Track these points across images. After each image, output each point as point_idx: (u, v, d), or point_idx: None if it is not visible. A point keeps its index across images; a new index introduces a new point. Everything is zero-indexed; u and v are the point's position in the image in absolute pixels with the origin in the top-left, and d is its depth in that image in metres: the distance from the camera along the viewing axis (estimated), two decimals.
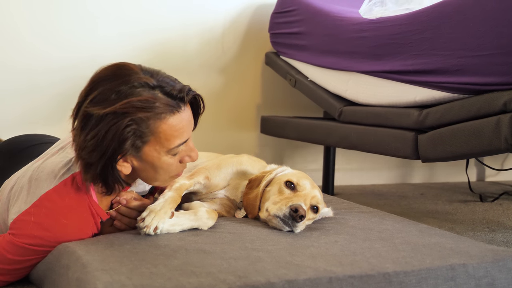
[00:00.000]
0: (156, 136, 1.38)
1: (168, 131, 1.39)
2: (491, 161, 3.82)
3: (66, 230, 1.42)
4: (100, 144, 1.34)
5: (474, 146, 1.90)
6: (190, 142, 1.48)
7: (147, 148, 1.40)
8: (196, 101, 1.51)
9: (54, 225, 1.41)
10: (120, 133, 1.34)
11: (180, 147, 1.43)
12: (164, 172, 1.46)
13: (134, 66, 1.42)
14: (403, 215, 2.60)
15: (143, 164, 1.43)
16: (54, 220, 1.42)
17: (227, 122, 3.40)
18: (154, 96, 1.37)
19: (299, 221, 1.54)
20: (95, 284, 1.10)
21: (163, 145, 1.40)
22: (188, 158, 1.48)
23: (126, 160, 1.41)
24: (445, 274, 1.29)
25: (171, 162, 1.44)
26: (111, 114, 1.33)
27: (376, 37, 2.40)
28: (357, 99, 2.55)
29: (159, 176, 1.47)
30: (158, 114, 1.37)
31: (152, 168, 1.44)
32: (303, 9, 2.95)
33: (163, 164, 1.43)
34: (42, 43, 2.96)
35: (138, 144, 1.38)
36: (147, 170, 1.45)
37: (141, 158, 1.41)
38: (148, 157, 1.41)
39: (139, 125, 1.35)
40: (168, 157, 1.43)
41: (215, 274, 1.16)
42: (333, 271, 1.22)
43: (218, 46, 3.35)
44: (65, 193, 1.44)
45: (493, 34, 1.87)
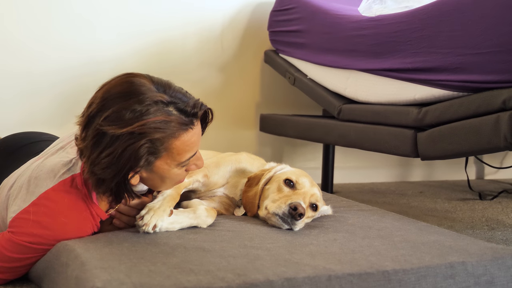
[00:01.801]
0: (169, 152, 1.40)
1: (181, 146, 1.40)
2: (490, 159, 3.82)
3: (65, 229, 1.42)
4: (115, 162, 1.34)
5: (473, 144, 1.90)
6: (199, 153, 1.50)
7: (158, 162, 1.41)
8: (206, 113, 1.52)
9: (53, 224, 1.41)
10: (136, 152, 1.35)
11: (190, 160, 1.45)
12: (170, 181, 1.48)
13: (146, 80, 1.40)
14: (402, 213, 2.60)
15: (152, 175, 1.44)
16: (53, 218, 1.42)
17: (226, 120, 3.40)
18: (169, 114, 1.37)
19: (298, 219, 1.54)
20: (93, 282, 1.09)
21: (174, 159, 1.41)
22: (194, 166, 1.50)
23: (135, 172, 1.41)
24: (444, 272, 1.29)
25: (179, 173, 1.47)
26: (128, 134, 1.33)
27: (375, 35, 2.39)
28: (356, 97, 2.55)
29: (165, 185, 1.49)
30: (173, 133, 1.38)
31: (160, 178, 1.46)
32: (302, 7, 2.95)
33: (172, 175, 1.46)
34: (41, 44, 2.96)
35: (150, 160, 1.39)
36: (155, 180, 1.46)
37: (151, 171, 1.43)
38: (159, 170, 1.43)
39: (154, 144, 1.36)
40: (178, 169, 1.45)
41: (214, 272, 1.16)
42: (332, 269, 1.22)
43: (217, 45, 3.35)
44: (64, 192, 1.45)
45: (492, 32, 1.87)
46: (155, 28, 3.18)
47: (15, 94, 2.92)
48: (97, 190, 1.42)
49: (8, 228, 1.45)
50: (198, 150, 1.49)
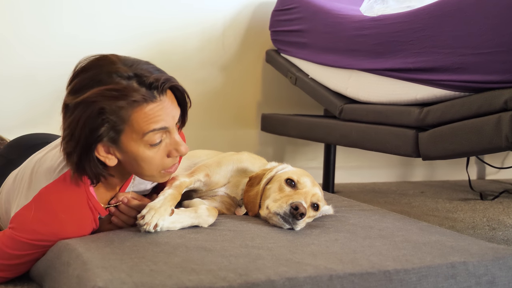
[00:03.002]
0: (129, 125, 1.36)
1: (140, 118, 1.36)
2: (492, 159, 3.82)
3: (65, 226, 1.42)
4: (73, 133, 1.35)
5: (474, 144, 1.90)
6: (175, 135, 1.44)
7: (124, 138, 1.38)
8: (181, 95, 1.47)
9: (53, 220, 1.41)
10: (90, 121, 1.34)
11: (156, 136, 1.39)
12: (148, 165, 1.43)
13: (115, 57, 1.40)
14: (403, 213, 2.60)
15: (126, 156, 1.41)
16: (53, 215, 1.41)
17: (228, 119, 3.40)
18: (127, 85, 1.35)
19: (300, 218, 1.54)
20: (95, 282, 1.09)
21: (138, 133, 1.37)
22: (175, 152, 1.44)
23: (109, 151, 1.40)
24: (445, 272, 1.29)
25: (151, 155, 1.41)
26: (83, 103, 1.34)
27: (377, 35, 2.39)
28: (358, 97, 2.55)
29: (145, 170, 1.44)
30: (130, 103, 1.35)
31: (135, 160, 1.42)
32: (303, 7, 2.95)
33: (143, 157, 1.40)
34: (43, 38, 2.96)
35: (113, 135, 1.37)
36: (131, 163, 1.43)
37: (121, 149, 1.40)
38: (128, 148, 1.39)
39: (110, 114, 1.34)
40: (147, 149, 1.40)
41: (216, 272, 1.16)
42: (333, 269, 1.22)
43: (219, 44, 3.35)
44: (63, 188, 1.44)
45: (494, 32, 1.87)
46: (157, 29, 3.18)
47: (14, 85, 2.92)
48: (69, 166, 1.41)
49: (10, 224, 1.45)
50: (176, 134, 1.44)
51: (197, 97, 3.29)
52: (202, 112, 3.32)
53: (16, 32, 2.92)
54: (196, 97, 3.32)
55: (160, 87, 1.38)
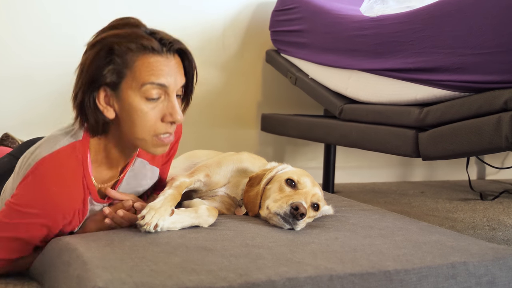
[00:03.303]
0: (131, 71, 1.39)
1: (143, 67, 1.39)
2: (492, 160, 3.82)
3: (55, 199, 1.41)
4: (82, 71, 1.41)
5: (474, 144, 1.90)
6: (174, 100, 1.43)
7: (124, 85, 1.40)
8: (189, 65, 1.51)
9: (44, 191, 1.41)
10: (98, 59, 1.39)
11: (154, 92, 1.40)
12: (141, 122, 1.42)
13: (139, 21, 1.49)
14: (403, 213, 2.60)
15: (122, 108, 1.42)
16: (45, 185, 1.41)
17: (228, 119, 3.40)
18: (140, 32, 1.43)
19: (300, 219, 1.54)
20: (95, 282, 1.10)
21: (137, 81, 1.39)
22: (170, 116, 1.43)
23: (108, 102, 1.42)
24: (445, 272, 1.29)
25: (146, 110, 1.41)
26: (97, 43, 1.42)
27: (377, 35, 2.39)
28: (358, 97, 2.55)
29: (138, 128, 1.43)
30: (138, 48, 1.40)
31: (130, 114, 1.41)
32: (303, 7, 2.95)
33: (138, 109, 1.40)
34: (40, 37, 2.96)
35: (114, 79, 1.40)
36: (126, 118, 1.43)
37: (120, 99, 1.41)
38: (125, 97, 1.40)
39: (117, 56, 1.39)
40: (143, 102, 1.40)
41: (216, 272, 1.16)
42: (334, 269, 1.22)
43: (219, 44, 3.35)
44: (60, 161, 1.44)
45: (494, 32, 1.87)
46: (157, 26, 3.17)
47: (12, 85, 2.92)
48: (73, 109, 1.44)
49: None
50: (175, 99, 1.44)
51: (197, 96, 3.26)
52: (202, 112, 3.32)
53: (13, 33, 2.92)
54: (196, 96, 3.29)
55: (168, 45, 1.44)
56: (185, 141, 3.19)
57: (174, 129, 1.48)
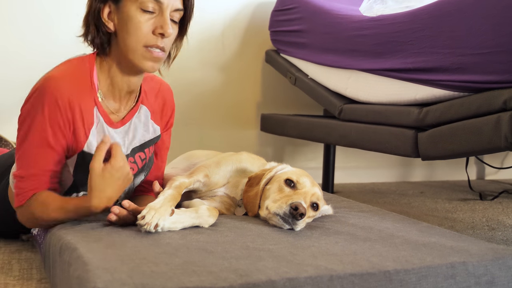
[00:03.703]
0: None
1: None
2: (491, 160, 3.82)
3: (60, 81, 1.55)
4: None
5: (474, 144, 1.90)
6: (166, 15, 1.56)
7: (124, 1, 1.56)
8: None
9: (52, 70, 1.59)
10: None
11: (149, 5, 1.54)
12: (134, 31, 1.55)
13: None
14: (403, 213, 2.60)
15: (121, 19, 1.57)
16: (52, 74, 1.57)
17: (227, 119, 3.40)
18: None
19: (299, 219, 1.54)
20: (95, 283, 1.09)
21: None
22: (160, 29, 1.56)
23: (109, 17, 1.59)
24: (445, 272, 1.29)
25: (139, 20, 1.55)
26: None
27: (377, 35, 2.39)
28: (357, 97, 2.55)
29: (131, 37, 1.56)
30: None
31: (125, 25, 1.56)
32: (303, 7, 2.95)
33: (133, 18, 1.55)
34: (42, 38, 2.96)
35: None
36: (122, 29, 1.57)
37: (119, 11, 1.57)
38: (124, 8, 1.56)
39: None
40: (138, 13, 1.55)
41: (216, 273, 1.16)
42: (334, 270, 1.22)
43: (218, 44, 3.35)
44: (67, 62, 1.63)
45: (493, 32, 1.87)
46: None
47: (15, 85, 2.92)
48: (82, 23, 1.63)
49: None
50: (168, 16, 1.56)
51: (196, 97, 3.29)
52: (201, 112, 3.32)
53: (13, 33, 2.92)
54: (196, 97, 3.33)
55: None
56: (185, 141, 3.20)
57: (163, 44, 1.58)
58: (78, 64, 1.61)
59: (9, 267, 1.68)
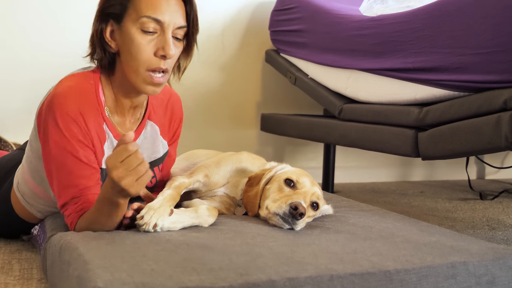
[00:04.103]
0: (133, 4, 1.50)
1: (143, 1, 1.50)
2: (491, 159, 3.82)
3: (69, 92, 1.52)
4: (97, 8, 1.57)
5: (474, 144, 1.90)
6: (168, 35, 1.51)
7: (126, 18, 1.51)
8: (191, 11, 1.60)
9: (58, 87, 1.54)
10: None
11: (150, 25, 1.49)
12: (136, 53, 1.50)
13: None
14: (403, 213, 2.60)
15: (123, 40, 1.53)
16: (59, 84, 1.56)
17: (227, 119, 3.40)
18: None
19: (299, 218, 1.54)
20: (95, 282, 1.09)
21: (136, 13, 1.50)
22: (161, 50, 1.50)
23: (112, 36, 1.55)
24: (445, 272, 1.29)
25: (140, 41, 1.50)
26: None
27: (377, 34, 2.39)
28: (357, 96, 2.55)
29: (133, 60, 1.51)
30: None
31: (127, 46, 1.51)
32: (303, 7, 2.95)
33: (134, 39, 1.50)
34: (44, 39, 2.96)
35: (119, 10, 1.52)
36: (125, 50, 1.53)
37: (121, 31, 1.52)
38: (126, 28, 1.51)
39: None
40: (139, 34, 1.50)
41: (216, 272, 1.16)
42: (334, 269, 1.22)
43: (218, 44, 3.35)
44: (74, 79, 1.58)
45: (493, 32, 1.87)
46: None
47: (17, 85, 2.92)
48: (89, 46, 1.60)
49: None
50: (170, 35, 1.52)
51: (196, 97, 3.29)
52: (201, 112, 3.32)
53: (14, 33, 2.92)
54: (196, 97, 3.32)
55: None
56: (185, 141, 3.19)
57: (166, 66, 1.54)
58: (83, 81, 1.57)
59: (10, 267, 1.68)
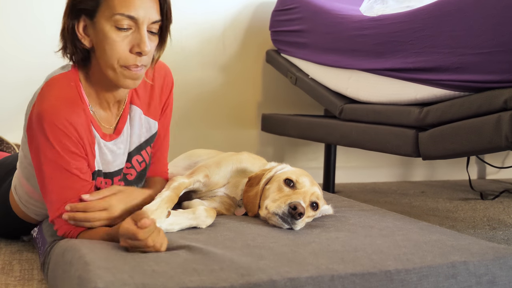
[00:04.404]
0: (106, 1, 1.46)
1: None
2: (492, 159, 3.82)
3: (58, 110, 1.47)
4: (67, 4, 1.52)
5: (474, 143, 1.90)
6: (143, 31, 1.47)
7: (99, 14, 1.47)
8: (165, 5, 1.53)
9: (44, 101, 1.49)
10: None
11: (124, 22, 1.45)
12: (110, 50, 1.47)
13: None
14: (403, 213, 2.60)
15: (96, 36, 1.48)
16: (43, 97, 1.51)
17: (228, 119, 3.40)
18: None
19: (298, 218, 1.54)
20: (96, 283, 1.10)
21: (110, 10, 1.45)
22: (137, 47, 1.47)
23: (85, 31, 1.51)
24: (446, 272, 1.29)
25: (115, 38, 1.46)
26: None
27: (377, 34, 2.39)
28: (358, 96, 2.55)
29: (108, 56, 1.48)
30: None
31: (101, 42, 1.47)
32: (304, 7, 2.95)
33: (108, 36, 1.46)
34: (38, 40, 2.96)
35: (91, 6, 1.47)
36: (99, 47, 1.49)
37: (95, 27, 1.48)
38: (99, 25, 1.47)
39: None
40: (113, 31, 1.46)
41: (217, 272, 1.16)
42: (335, 269, 1.22)
43: (219, 44, 3.35)
44: (56, 84, 1.54)
45: (494, 32, 1.87)
46: None
47: (13, 86, 2.92)
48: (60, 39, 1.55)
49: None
50: (145, 32, 1.48)
51: (197, 97, 3.29)
52: (202, 112, 3.32)
53: (10, 35, 2.92)
54: (196, 97, 3.33)
55: None
56: (185, 141, 3.20)
57: (142, 62, 1.50)
58: (64, 83, 1.53)
59: (10, 268, 1.68)
